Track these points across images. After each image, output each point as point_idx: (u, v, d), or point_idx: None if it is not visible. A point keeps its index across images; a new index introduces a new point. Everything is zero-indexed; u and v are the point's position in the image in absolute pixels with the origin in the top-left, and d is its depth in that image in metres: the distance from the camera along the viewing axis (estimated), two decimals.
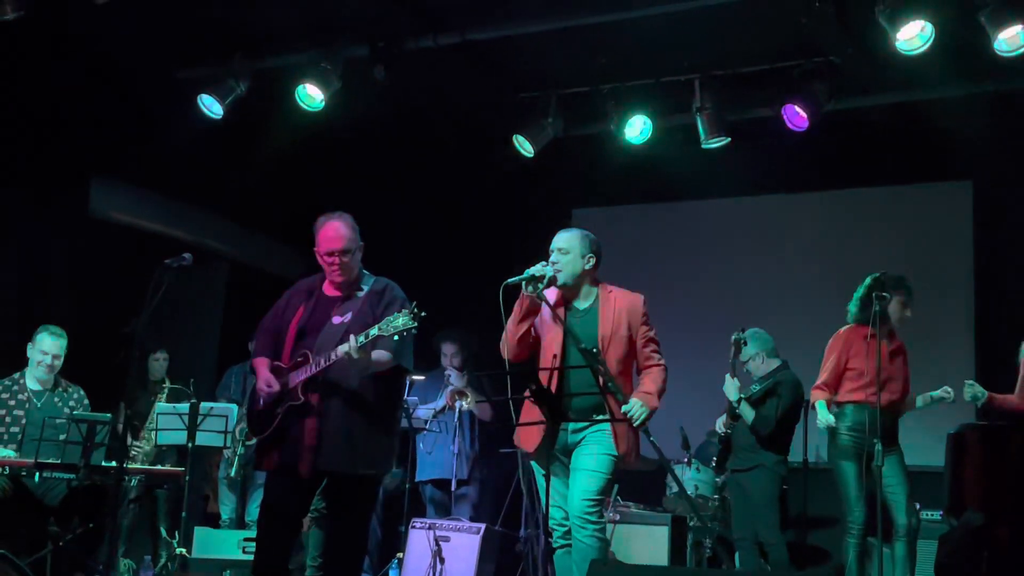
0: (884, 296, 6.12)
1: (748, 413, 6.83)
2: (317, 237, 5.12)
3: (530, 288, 4.90)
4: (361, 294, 5.09)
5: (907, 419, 6.61)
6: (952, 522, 6.28)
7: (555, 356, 4.99)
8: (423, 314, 4.69)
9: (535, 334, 5.11)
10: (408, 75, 7.63)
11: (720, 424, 7.08)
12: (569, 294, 5.11)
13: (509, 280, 4.87)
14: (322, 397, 4.92)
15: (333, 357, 4.81)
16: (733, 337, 6.90)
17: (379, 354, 4.90)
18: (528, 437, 5.03)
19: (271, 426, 4.96)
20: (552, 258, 5.06)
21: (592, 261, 5.10)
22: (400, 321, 4.69)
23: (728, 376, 6.90)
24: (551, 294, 5.06)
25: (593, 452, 4.92)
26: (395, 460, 5.45)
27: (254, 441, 5.72)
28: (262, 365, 5.08)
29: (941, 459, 6.07)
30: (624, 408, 4.84)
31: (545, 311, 5.05)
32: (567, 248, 5.07)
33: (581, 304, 5.10)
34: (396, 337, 4.75)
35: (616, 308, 5.05)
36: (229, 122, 7.91)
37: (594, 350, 4.81)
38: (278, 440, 4.95)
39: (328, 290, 5.17)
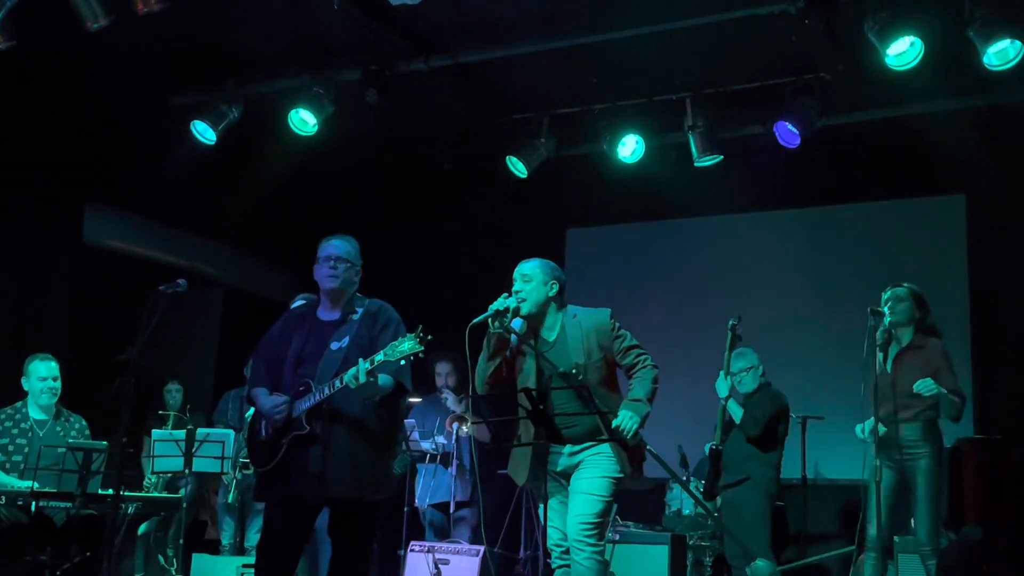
0: (880, 312, 6.09)
1: (737, 411, 6.80)
2: (319, 251, 5.14)
3: (496, 324, 4.89)
4: (355, 317, 5.08)
5: None
6: (951, 536, 6.28)
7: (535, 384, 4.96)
8: (429, 338, 4.67)
9: (507, 369, 5.09)
10: (400, 98, 7.65)
11: (708, 448, 7.04)
12: (535, 323, 5.09)
13: (474, 320, 4.86)
14: (327, 425, 4.88)
15: (338, 384, 4.78)
16: (730, 323, 6.89)
17: (383, 379, 4.88)
18: (518, 468, 5.03)
19: (276, 456, 4.93)
20: (515, 287, 5.04)
21: (555, 287, 5.08)
22: (406, 346, 4.67)
23: (722, 373, 6.88)
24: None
25: (592, 475, 4.89)
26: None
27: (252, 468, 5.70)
28: (261, 396, 5.03)
29: None
30: (615, 423, 4.79)
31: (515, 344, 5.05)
32: (530, 275, 5.06)
33: (549, 334, 5.08)
34: (402, 362, 4.75)
35: (584, 332, 5.02)
36: (222, 148, 7.94)
37: (573, 371, 4.79)
38: (282, 470, 4.92)
39: (322, 315, 5.15)
